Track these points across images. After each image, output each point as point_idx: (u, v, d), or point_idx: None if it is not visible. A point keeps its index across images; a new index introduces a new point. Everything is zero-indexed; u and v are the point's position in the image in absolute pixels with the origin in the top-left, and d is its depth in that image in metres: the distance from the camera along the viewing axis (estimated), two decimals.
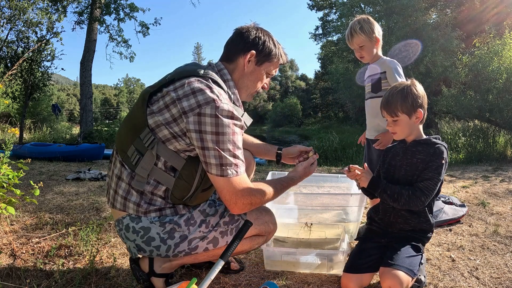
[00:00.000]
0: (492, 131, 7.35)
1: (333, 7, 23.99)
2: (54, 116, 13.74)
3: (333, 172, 5.20)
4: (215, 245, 1.44)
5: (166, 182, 1.36)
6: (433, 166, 1.50)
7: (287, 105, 41.60)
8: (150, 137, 1.33)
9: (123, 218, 1.41)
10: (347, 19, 13.87)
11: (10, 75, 8.80)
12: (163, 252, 1.41)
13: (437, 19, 11.86)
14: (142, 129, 1.34)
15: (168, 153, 1.34)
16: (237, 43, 1.49)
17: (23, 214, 2.63)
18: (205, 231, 1.42)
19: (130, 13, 14.08)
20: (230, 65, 1.50)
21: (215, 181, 1.31)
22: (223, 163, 1.28)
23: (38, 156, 5.99)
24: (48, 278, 1.66)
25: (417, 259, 1.50)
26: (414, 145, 1.58)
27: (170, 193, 1.38)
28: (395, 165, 1.63)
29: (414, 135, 1.59)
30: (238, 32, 1.51)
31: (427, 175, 1.50)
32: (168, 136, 1.32)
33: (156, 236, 1.38)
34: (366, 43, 2.14)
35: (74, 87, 65.53)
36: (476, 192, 3.45)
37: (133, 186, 1.37)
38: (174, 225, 1.39)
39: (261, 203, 1.41)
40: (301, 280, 1.69)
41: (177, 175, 1.36)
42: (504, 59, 6.70)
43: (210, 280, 1.06)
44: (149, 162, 1.34)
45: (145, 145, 1.33)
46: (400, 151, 1.63)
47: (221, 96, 1.31)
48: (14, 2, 9.49)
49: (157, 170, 1.35)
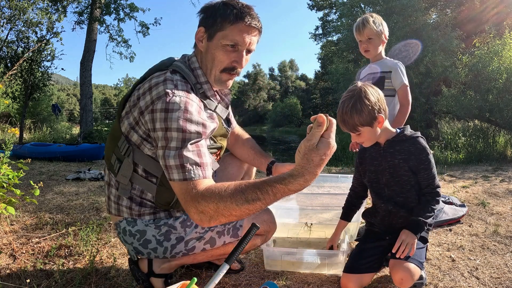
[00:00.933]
0: (492, 131, 7.35)
1: (333, 7, 23.96)
2: (54, 116, 13.73)
3: (333, 172, 5.20)
4: (212, 245, 1.44)
5: (148, 189, 1.34)
6: (424, 164, 1.49)
7: (287, 105, 41.61)
8: (125, 145, 1.31)
9: (120, 222, 1.43)
10: (347, 19, 13.85)
11: (10, 75, 8.79)
12: (160, 254, 1.41)
13: (437, 19, 11.85)
14: (119, 137, 1.33)
15: (144, 160, 1.30)
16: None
17: (23, 214, 2.63)
18: (201, 232, 1.41)
19: (130, 13, 14.08)
20: (195, 52, 1.34)
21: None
22: (170, 165, 1.08)
23: (38, 156, 5.98)
24: (48, 278, 1.66)
25: (423, 250, 1.53)
26: (390, 145, 1.54)
27: (155, 200, 1.36)
28: (376, 171, 1.60)
29: (384, 136, 1.54)
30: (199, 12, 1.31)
31: (424, 179, 1.50)
32: (138, 141, 1.27)
33: (152, 239, 1.38)
34: (375, 37, 2.20)
35: (74, 87, 65.54)
36: (476, 192, 3.45)
37: (120, 193, 1.38)
38: (170, 227, 1.38)
39: (217, 212, 1.02)
40: (301, 280, 1.69)
41: (158, 182, 1.32)
42: (504, 59, 6.70)
43: (215, 283, 1.05)
44: (127, 169, 1.33)
45: (122, 153, 1.32)
46: (376, 154, 1.59)
47: (175, 88, 1.15)
48: (14, 2, 9.48)
49: (138, 177, 1.34)
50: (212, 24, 1.24)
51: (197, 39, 1.29)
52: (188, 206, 1.05)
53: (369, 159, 1.63)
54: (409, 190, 1.54)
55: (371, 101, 1.41)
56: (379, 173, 1.59)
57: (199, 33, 1.27)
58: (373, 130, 1.47)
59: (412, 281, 1.41)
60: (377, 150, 1.58)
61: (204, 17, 1.27)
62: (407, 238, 1.44)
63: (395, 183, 1.55)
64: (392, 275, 1.45)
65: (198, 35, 1.28)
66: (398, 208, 1.55)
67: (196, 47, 1.33)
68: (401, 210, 1.55)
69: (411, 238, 1.44)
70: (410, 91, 2.24)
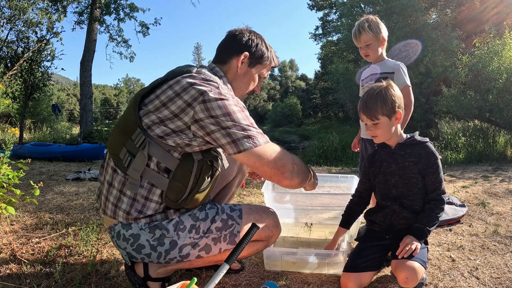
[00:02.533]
0: (492, 131, 7.34)
1: (333, 7, 23.99)
2: (54, 116, 13.74)
3: (333, 172, 5.20)
4: (207, 252, 1.41)
5: (159, 184, 1.33)
6: (433, 168, 1.53)
7: (287, 105, 41.58)
8: (141, 137, 1.31)
9: (115, 225, 1.39)
10: (347, 19, 13.84)
11: (10, 75, 8.79)
12: (154, 259, 1.38)
13: (437, 19, 11.84)
14: (134, 130, 1.34)
15: (160, 152, 1.31)
16: (231, 45, 1.52)
17: (23, 214, 2.63)
18: (195, 237, 1.38)
19: (130, 13, 14.10)
20: (223, 67, 1.52)
21: (247, 160, 1.31)
22: (240, 137, 1.27)
23: (38, 156, 5.99)
24: (48, 278, 1.66)
25: (425, 251, 1.54)
26: (401, 148, 1.59)
27: (164, 195, 1.34)
28: (385, 172, 1.63)
29: (396, 137, 1.60)
30: (232, 35, 1.53)
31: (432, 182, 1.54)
32: (167, 131, 1.30)
33: (146, 244, 1.35)
34: (372, 42, 2.19)
35: (74, 87, 65.53)
36: (476, 192, 3.45)
37: (125, 191, 1.34)
38: (163, 230, 1.35)
39: (298, 172, 1.39)
40: (301, 280, 1.69)
41: (171, 176, 1.33)
42: (504, 59, 6.70)
43: (215, 283, 1.05)
44: (140, 163, 1.31)
45: (136, 145, 1.32)
46: (387, 156, 1.63)
47: (218, 84, 1.34)
48: (14, 2, 9.48)
49: (150, 171, 1.32)
50: (258, 57, 1.53)
51: (240, 61, 1.50)
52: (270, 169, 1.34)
53: (379, 161, 1.66)
54: (416, 193, 1.57)
55: (396, 95, 1.53)
56: (388, 174, 1.62)
57: (244, 57, 1.50)
58: (390, 124, 1.53)
59: (417, 280, 1.40)
60: (388, 152, 1.63)
61: (250, 46, 1.51)
62: (411, 241, 1.48)
63: (403, 185, 1.58)
64: (396, 275, 1.44)
65: (242, 58, 1.50)
66: (402, 208, 1.57)
67: (227, 65, 1.51)
68: (404, 211, 1.57)
69: (415, 242, 1.48)
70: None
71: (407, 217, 1.57)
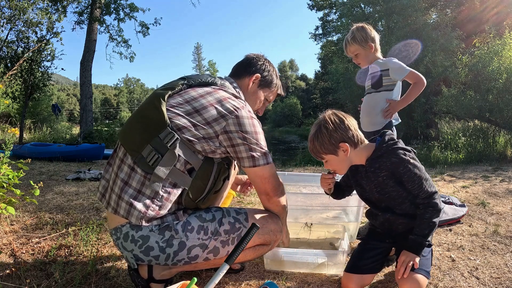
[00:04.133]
0: (492, 131, 7.34)
1: (333, 7, 23.96)
2: (54, 116, 13.75)
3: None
4: (215, 255, 1.42)
5: (183, 183, 1.37)
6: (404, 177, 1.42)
7: (287, 105, 41.63)
8: (172, 136, 1.33)
9: (122, 226, 1.36)
10: (347, 19, 13.86)
11: (10, 75, 8.79)
12: (162, 261, 1.38)
13: (437, 19, 11.85)
14: (161, 129, 1.34)
15: (188, 153, 1.36)
16: (246, 66, 1.69)
17: (23, 214, 2.63)
18: (204, 238, 1.39)
19: (130, 13, 14.07)
20: (237, 82, 1.67)
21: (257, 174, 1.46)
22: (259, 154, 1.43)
23: (38, 156, 5.99)
24: (48, 278, 1.66)
25: (429, 258, 1.50)
26: (371, 164, 1.48)
27: (185, 195, 1.38)
28: (364, 190, 1.57)
29: (364, 155, 1.49)
30: (249, 57, 1.73)
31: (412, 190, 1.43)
32: (198, 136, 1.37)
33: (155, 245, 1.35)
34: (360, 51, 2.31)
35: (74, 87, 65.57)
36: (476, 192, 3.45)
37: (144, 191, 1.34)
38: (173, 231, 1.36)
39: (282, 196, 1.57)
40: (301, 280, 1.69)
41: (193, 176, 1.39)
42: (504, 59, 6.70)
43: (215, 283, 1.06)
44: (169, 162, 1.33)
45: (167, 144, 1.33)
46: (363, 174, 1.53)
47: (245, 102, 1.50)
48: (14, 2, 9.47)
49: (176, 170, 1.35)
50: (268, 81, 1.72)
51: (252, 80, 1.68)
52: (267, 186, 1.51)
53: (359, 175, 1.56)
54: (403, 201, 1.49)
55: (331, 129, 1.44)
56: (368, 192, 1.55)
57: (256, 78, 1.68)
58: (339, 158, 1.48)
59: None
60: (361, 171, 1.53)
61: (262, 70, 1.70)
62: (407, 258, 1.42)
63: (386, 199, 1.51)
64: (399, 285, 1.42)
65: (254, 78, 1.68)
66: (396, 216, 1.52)
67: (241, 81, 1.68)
68: (399, 218, 1.52)
69: (412, 257, 1.42)
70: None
71: (404, 222, 1.52)
